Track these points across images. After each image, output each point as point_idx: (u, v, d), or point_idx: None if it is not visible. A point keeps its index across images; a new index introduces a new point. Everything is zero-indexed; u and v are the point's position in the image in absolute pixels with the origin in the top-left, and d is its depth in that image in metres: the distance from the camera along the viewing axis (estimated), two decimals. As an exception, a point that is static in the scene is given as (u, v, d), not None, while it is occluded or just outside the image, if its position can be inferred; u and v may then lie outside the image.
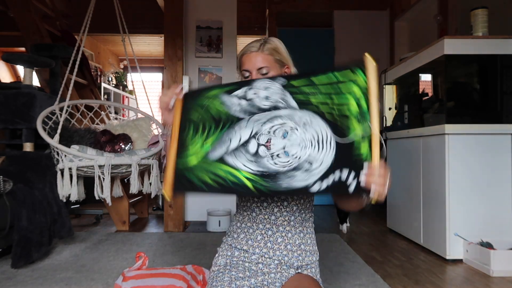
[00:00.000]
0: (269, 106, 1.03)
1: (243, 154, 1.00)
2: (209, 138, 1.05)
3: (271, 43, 1.27)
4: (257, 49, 1.25)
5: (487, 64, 2.34)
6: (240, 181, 0.97)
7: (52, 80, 3.26)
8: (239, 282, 1.15)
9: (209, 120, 1.07)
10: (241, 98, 1.06)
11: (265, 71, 1.23)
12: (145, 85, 3.26)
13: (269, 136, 0.99)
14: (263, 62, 1.24)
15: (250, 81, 1.09)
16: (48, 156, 2.56)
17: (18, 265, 2.06)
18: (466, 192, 2.28)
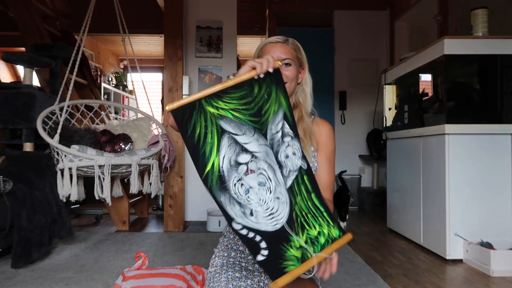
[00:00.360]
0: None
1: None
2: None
3: (295, 41, 1.31)
4: (283, 41, 1.28)
5: (487, 64, 2.34)
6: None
7: (52, 80, 3.26)
8: (236, 282, 1.15)
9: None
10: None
11: (287, 62, 1.25)
12: (145, 85, 3.26)
13: (253, 168, 1.01)
14: (288, 54, 1.26)
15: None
16: (48, 156, 2.56)
17: (18, 265, 2.06)
18: (466, 192, 2.28)
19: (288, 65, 1.26)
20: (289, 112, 1.08)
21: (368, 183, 4.65)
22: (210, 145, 0.98)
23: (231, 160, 0.98)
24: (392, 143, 3.12)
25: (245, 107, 1.02)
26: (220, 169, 0.98)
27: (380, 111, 3.58)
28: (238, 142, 1.00)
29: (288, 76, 1.26)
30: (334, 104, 4.72)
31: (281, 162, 1.04)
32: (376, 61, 4.69)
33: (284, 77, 1.24)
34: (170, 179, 3.14)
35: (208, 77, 3.46)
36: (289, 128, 1.07)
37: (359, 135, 4.70)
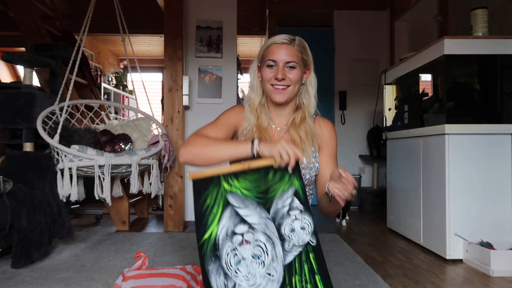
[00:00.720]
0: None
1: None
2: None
3: (301, 41, 1.28)
4: (289, 42, 1.24)
5: (487, 64, 2.34)
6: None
7: (52, 80, 3.26)
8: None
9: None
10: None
11: (293, 65, 1.23)
12: (145, 85, 3.27)
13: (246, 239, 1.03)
14: (293, 56, 1.23)
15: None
16: (48, 156, 2.56)
17: (18, 265, 2.06)
18: (466, 192, 2.28)
19: (292, 68, 1.24)
20: (301, 190, 1.08)
21: (368, 183, 4.65)
22: (213, 216, 1.03)
23: (228, 230, 1.02)
24: (392, 143, 3.12)
25: (255, 186, 1.06)
26: (216, 238, 1.01)
27: (380, 111, 3.58)
28: (239, 214, 1.03)
29: (291, 80, 1.24)
30: (334, 104, 4.72)
31: (284, 236, 1.03)
32: (376, 61, 4.69)
33: (287, 80, 1.24)
34: (170, 179, 3.14)
35: (208, 77, 3.46)
36: (299, 203, 1.07)
37: (359, 135, 4.70)
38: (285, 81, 1.23)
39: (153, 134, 3.09)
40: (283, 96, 1.25)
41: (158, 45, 6.50)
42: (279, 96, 1.25)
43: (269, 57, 1.25)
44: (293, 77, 1.24)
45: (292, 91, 1.26)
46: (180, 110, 3.14)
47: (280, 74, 1.22)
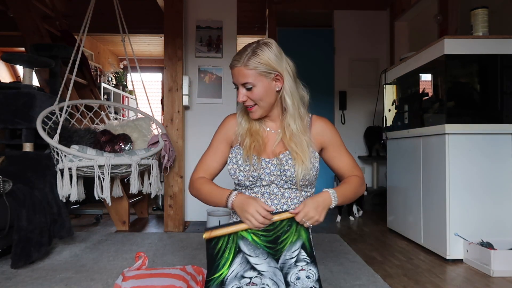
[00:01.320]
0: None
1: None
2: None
3: (257, 54, 1.19)
4: (240, 64, 1.20)
5: (487, 64, 2.34)
6: None
7: (52, 80, 3.26)
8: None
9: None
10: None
11: (249, 86, 1.20)
12: (145, 85, 3.26)
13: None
14: (246, 77, 1.19)
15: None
16: (48, 156, 2.56)
17: (18, 265, 2.06)
18: (467, 192, 2.28)
19: (250, 89, 1.20)
20: (308, 243, 1.18)
21: (368, 183, 4.64)
22: (225, 260, 1.12)
23: (238, 274, 1.11)
24: (392, 143, 3.12)
25: (264, 234, 1.15)
26: (225, 277, 1.11)
27: (380, 111, 3.58)
28: (249, 262, 1.12)
29: (254, 99, 1.22)
30: (334, 104, 4.72)
31: (290, 282, 1.12)
32: (376, 61, 4.68)
33: (249, 101, 1.23)
34: (170, 179, 3.14)
35: (208, 77, 3.46)
36: (306, 255, 1.16)
37: (359, 135, 4.70)
38: (248, 101, 1.23)
39: (153, 134, 3.09)
40: (254, 115, 1.26)
41: (158, 45, 6.49)
42: (251, 115, 1.27)
43: (232, 80, 1.27)
44: (254, 96, 1.22)
45: (261, 107, 1.25)
46: (180, 110, 3.14)
47: (239, 98, 1.23)
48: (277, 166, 1.24)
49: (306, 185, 1.30)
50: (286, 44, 4.72)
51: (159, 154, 2.87)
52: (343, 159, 1.38)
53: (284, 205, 1.25)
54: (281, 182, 1.25)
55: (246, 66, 1.19)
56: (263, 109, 1.26)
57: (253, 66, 1.19)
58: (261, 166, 1.25)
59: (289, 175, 1.23)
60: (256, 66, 1.19)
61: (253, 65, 1.19)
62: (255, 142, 1.26)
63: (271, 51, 1.21)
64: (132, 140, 2.95)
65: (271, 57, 1.21)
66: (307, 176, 1.27)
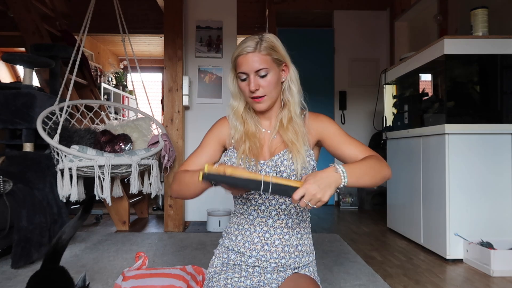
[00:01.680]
0: None
1: None
2: None
3: (267, 41, 1.18)
4: (253, 49, 1.16)
5: (487, 64, 2.34)
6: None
7: (52, 80, 3.26)
8: (235, 283, 1.15)
9: None
10: None
11: (263, 73, 1.16)
12: (145, 85, 3.26)
13: None
14: (261, 63, 1.16)
15: None
16: (48, 156, 2.56)
17: (18, 265, 2.06)
18: (466, 192, 2.28)
19: (264, 76, 1.17)
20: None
21: (368, 183, 4.64)
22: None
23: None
24: (392, 143, 3.12)
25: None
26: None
27: (380, 111, 3.58)
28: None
29: (266, 87, 1.18)
30: (334, 104, 4.72)
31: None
32: (376, 61, 4.68)
33: (261, 90, 1.18)
34: (170, 179, 3.14)
35: (208, 77, 3.46)
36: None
37: (359, 135, 4.70)
38: (260, 91, 1.18)
39: (153, 134, 3.09)
40: (263, 105, 1.21)
41: (158, 45, 6.50)
42: (259, 106, 1.21)
43: (239, 70, 1.19)
44: (267, 84, 1.18)
45: (271, 97, 1.21)
46: (180, 110, 3.14)
47: (252, 86, 1.17)
48: (272, 168, 1.22)
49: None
50: (286, 44, 4.69)
51: (159, 154, 2.87)
52: (348, 143, 1.23)
53: (283, 204, 1.24)
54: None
55: (260, 52, 1.16)
56: (271, 101, 1.23)
57: (267, 52, 1.17)
58: (257, 169, 1.21)
59: (285, 176, 1.21)
60: (270, 52, 1.17)
61: (267, 51, 1.17)
62: (253, 145, 1.23)
63: (278, 40, 1.22)
64: (132, 140, 2.95)
65: (279, 44, 1.21)
66: (303, 175, 1.22)
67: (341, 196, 4.52)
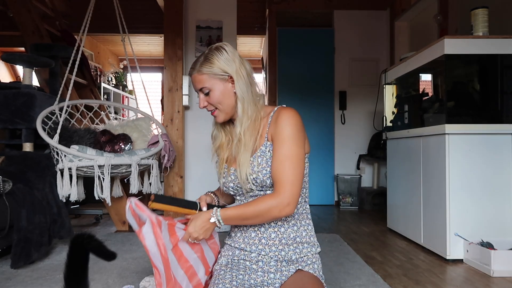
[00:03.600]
0: None
1: None
2: None
3: (208, 59, 1.23)
4: (193, 70, 1.25)
5: (487, 64, 2.34)
6: None
7: (52, 80, 3.25)
8: (240, 280, 1.17)
9: None
10: None
11: (206, 91, 1.24)
12: (145, 85, 3.26)
13: None
14: (201, 82, 1.24)
15: None
16: (48, 156, 2.56)
17: (18, 265, 2.06)
18: (467, 192, 2.27)
19: (207, 94, 1.24)
20: None
21: (368, 183, 4.65)
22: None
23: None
24: (392, 143, 3.12)
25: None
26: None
27: (380, 111, 3.58)
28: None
29: (213, 103, 1.24)
30: (334, 104, 4.72)
31: None
32: (376, 61, 4.68)
33: (209, 106, 1.26)
34: (170, 179, 3.14)
35: (208, 77, 3.45)
36: None
37: (359, 135, 4.70)
38: (208, 107, 1.27)
39: (153, 134, 3.09)
40: (218, 118, 1.29)
41: (158, 45, 6.49)
42: (216, 119, 1.30)
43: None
44: (213, 100, 1.25)
45: (223, 109, 1.26)
46: (180, 110, 3.14)
47: (200, 104, 1.27)
48: (237, 177, 1.27)
49: (269, 187, 1.22)
50: (286, 44, 4.72)
51: (159, 154, 2.86)
52: (279, 162, 1.16)
53: None
54: (258, 187, 1.23)
55: (199, 72, 1.23)
56: (225, 112, 1.27)
57: (205, 71, 1.23)
58: (230, 175, 1.29)
59: (240, 186, 1.27)
60: (208, 71, 1.23)
61: (205, 70, 1.23)
62: (224, 157, 1.32)
63: (221, 55, 1.24)
64: (132, 140, 2.94)
65: (220, 61, 1.24)
66: (258, 177, 1.21)
67: (341, 196, 4.52)
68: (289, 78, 4.64)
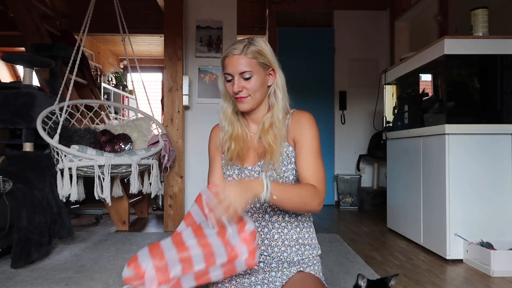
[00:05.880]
0: None
1: None
2: None
3: (255, 45, 1.21)
4: (240, 52, 1.19)
5: (487, 64, 2.34)
6: None
7: (52, 80, 3.26)
8: (240, 279, 1.16)
9: None
10: None
11: (247, 76, 1.19)
12: (145, 85, 3.26)
13: None
14: (246, 66, 1.18)
15: None
16: (48, 156, 2.56)
17: (18, 265, 2.06)
18: (466, 192, 2.28)
19: (247, 79, 1.19)
20: None
21: (368, 183, 4.65)
22: None
23: None
24: (392, 143, 3.12)
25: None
26: None
27: (380, 111, 3.58)
28: None
29: (249, 89, 1.20)
30: (334, 104, 4.72)
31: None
32: (376, 61, 4.68)
33: (244, 91, 1.20)
34: (170, 179, 3.14)
35: (208, 77, 3.46)
36: None
37: (359, 135, 4.70)
38: (242, 92, 1.21)
39: (153, 134, 3.09)
40: (245, 106, 1.23)
41: (158, 45, 6.49)
42: (241, 106, 1.24)
43: (225, 71, 1.22)
44: (250, 86, 1.20)
45: (253, 99, 1.23)
46: (180, 110, 3.14)
47: (235, 88, 1.20)
48: (259, 173, 1.23)
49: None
50: (286, 44, 4.72)
51: (159, 154, 2.87)
52: (307, 161, 1.19)
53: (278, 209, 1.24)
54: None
55: (246, 55, 1.19)
56: (255, 102, 1.24)
57: (253, 55, 1.19)
58: (245, 175, 1.24)
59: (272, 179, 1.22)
60: (256, 56, 1.19)
61: (253, 55, 1.19)
62: (237, 148, 1.25)
63: (267, 47, 1.24)
64: (132, 140, 2.95)
65: (268, 49, 1.23)
66: (283, 172, 1.22)
67: (341, 196, 4.52)
68: (289, 78, 4.50)
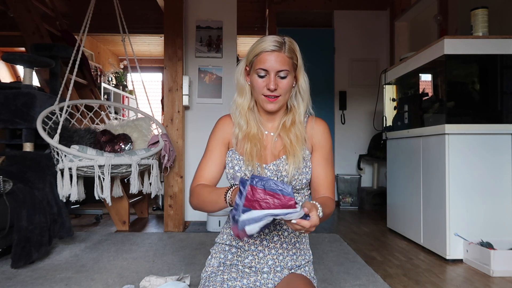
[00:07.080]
0: None
1: None
2: None
3: (291, 43, 1.17)
4: (279, 49, 1.14)
5: (487, 64, 2.34)
6: None
7: (52, 80, 3.26)
8: (231, 282, 1.15)
9: None
10: None
11: (283, 75, 1.15)
12: (145, 85, 3.26)
13: None
14: (285, 64, 1.14)
15: None
16: (48, 156, 2.56)
17: (18, 265, 2.06)
18: (466, 192, 2.28)
19: (283, 77, 1.16)
20: None
21: (368, 183, 4.65)
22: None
23: None
24: (392, 143, 3.12)
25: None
26: None
27: (380, 111, 3.58)
28: None
29: (283, 89, 1.17)
30: (334, 104, 4.72)
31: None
32: (376, 61, 4.68)
33: (279, 90, 1.16)
34: (170, 179, 3.14)
35: (208, 77, 3.46)
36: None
37: (359, 135, 4.70)
38: (277, 91, 1.17)
39: (153, 134, 3.09)
40: (275, 106, 1.19)
41: (158, 45, 6.50)
42: (271, 106, 1.19)
43: (259, 66, 1.15)
44: (284, 86, 1.17)
45: (283, 99, 1.20)
46: (180, 110, 3.14)
47: (272, 85, 1.15)
48: (273, 172, 1.21)
49: (304, 187, 1.25)
50: (286, 44, 4.71)
51: (159, 154, 2.87)
52: (321, 169, 1.24)
53: None
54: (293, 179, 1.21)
55: (285, 53, 1.15)
56: (283, 103, 1.21)
57: (290, 55, 1.17)
58: (258, 172, 1.21)
59: (286, 181, 1.20)
60: (292, 56, 1.17)
61: (290, 54, 1.17)
62: (254, 147, 1.21)
63: (298, 49, 1.21)
64: (132, 140, 2.95)
65: (299, 52, 1.21)
66: (303, 180, 1.22)
67: (341, 196, 4.52)
68: (289, 78, 4.62)
